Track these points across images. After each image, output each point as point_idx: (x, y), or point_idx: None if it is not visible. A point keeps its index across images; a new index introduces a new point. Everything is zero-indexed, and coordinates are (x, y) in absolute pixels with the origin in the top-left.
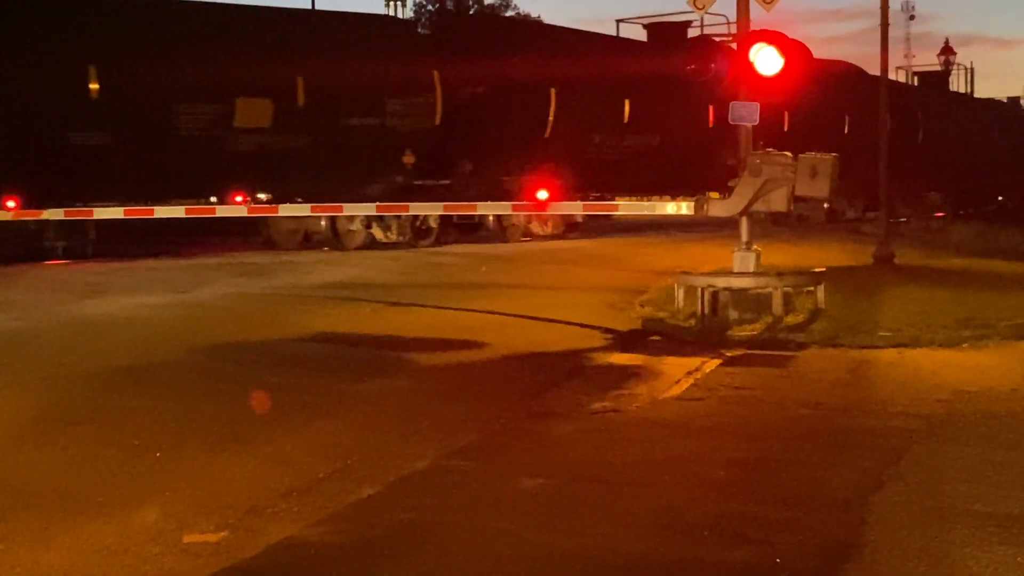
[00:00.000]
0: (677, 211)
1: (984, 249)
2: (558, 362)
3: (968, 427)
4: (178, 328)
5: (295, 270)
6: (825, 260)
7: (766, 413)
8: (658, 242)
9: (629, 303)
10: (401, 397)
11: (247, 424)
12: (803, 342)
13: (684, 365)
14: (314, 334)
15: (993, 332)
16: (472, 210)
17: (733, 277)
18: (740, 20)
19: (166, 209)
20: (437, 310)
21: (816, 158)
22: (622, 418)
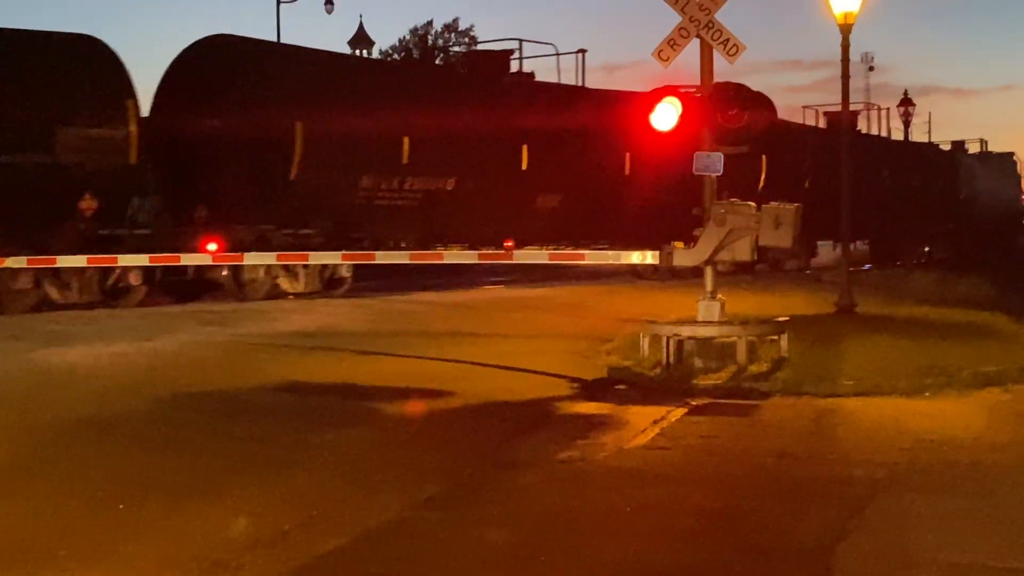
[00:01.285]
0: (642, 261)
1: (944, 297)
2: (525, 411)
3: (932, 476)
4: (141, 377)
5: (261, 318)
6: (788, 308)
7: (732, 463)
8: (621, 290)
9: (595, 351)
10: (367, 447)
11: (211, 475)
12: (767, 391)
13: (650, 414)
14: (279, 383)
15: (955, 380)
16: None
17: (698, 326)
18: (704, 71)
19: (131, 257)
20: (403, 358)
21: (779, 208)
22: (589, 467)
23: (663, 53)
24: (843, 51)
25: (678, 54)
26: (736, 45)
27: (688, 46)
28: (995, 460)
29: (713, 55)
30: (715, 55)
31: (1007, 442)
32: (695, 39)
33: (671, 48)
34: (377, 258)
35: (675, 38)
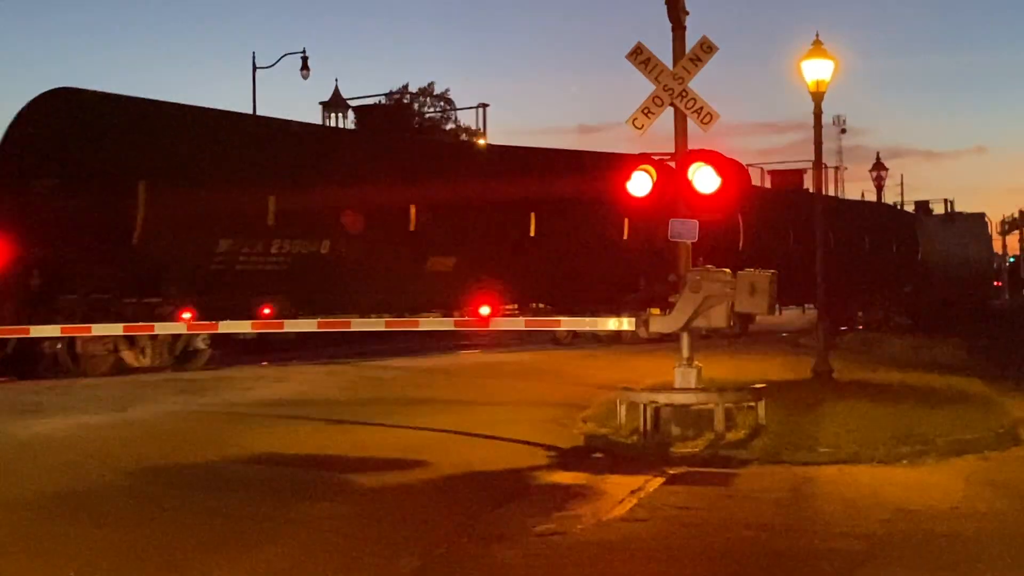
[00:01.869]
0: (619, 327)
1: (921, 362)
2: (501, 482)
3: (910, 548)
4: (114, 450)
5: (235, 386)
6: (765, 374)
7: (709, 535)
8: (598, 354)
9: (571, 418)
10: (341, 521)
11: (182, 552)
12: (745, 459)
13: (627, 484)
14: (252, 455)
15: (931, 448)
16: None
17: (675, 393)
18: (678, 139)
19: (104, 327)
20: (378, 428)
21: (754, 275)
22: (567, 541)
23: (637, 121)
24: (815, 118)
25: (652, 122)
26: (710, 114)
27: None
28: (973, 531)
29: (687, 123)
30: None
31: (984, 512)
32: (669, 107)
33: (645, 116)
34: (353, 325)
35: (649, 106)
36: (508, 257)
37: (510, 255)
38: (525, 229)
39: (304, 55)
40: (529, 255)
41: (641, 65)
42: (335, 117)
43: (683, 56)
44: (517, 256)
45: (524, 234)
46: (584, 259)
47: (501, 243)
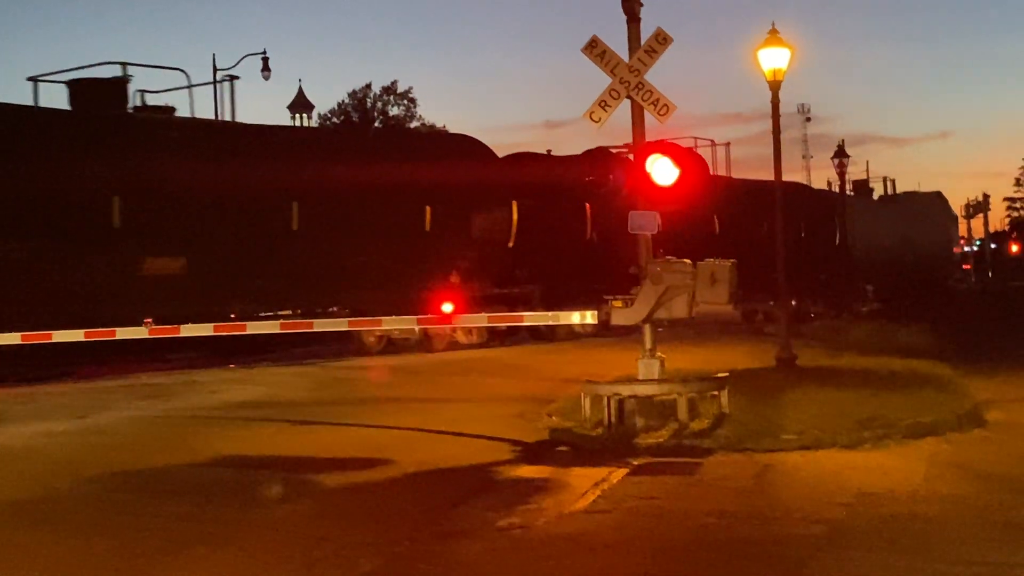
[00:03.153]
0: (582, 321)
1: (884, 347)
2: (465, 478)
3: (870, 531)
4: (76, 458)
5: (198, 390)
6: (729, 363)
7: (672, 525)
8: (566, 349)
9: (537, 413)
10: (304, 522)
11: (145, 558)
12: (709, 448)
13: (591, 476)
14: (216, 458)
15: (894, 431)
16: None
17: (638, 384)
18: (635, 131)
19: (65, 333)
20: (343, 427)
21: (715, 265)
22: (529, 534)
23: (594, 115)
24: (773, 107)
25: (610, 115)
26: (667, 105)
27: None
28: (933, 513)
29: (644, 115)
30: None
31: (945, 494)
32: (627, 100)
33: (602, 109)
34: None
35: (606, 100)
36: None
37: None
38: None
39: (265, 56)
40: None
41: (597, 58)
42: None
43: (638, 48)
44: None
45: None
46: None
47: (253, 241)
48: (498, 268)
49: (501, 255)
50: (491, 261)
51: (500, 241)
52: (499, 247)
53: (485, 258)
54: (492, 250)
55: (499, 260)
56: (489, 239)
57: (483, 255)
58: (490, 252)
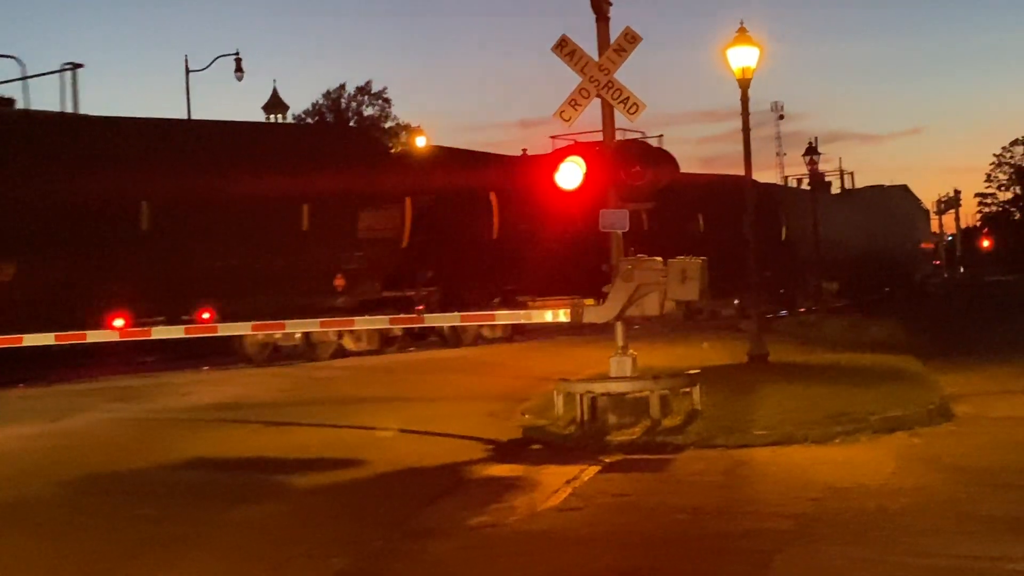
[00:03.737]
0: (555, 319)
1: (855, 342)
2: (437, 477)
3: (839, 525)
4: (47, 460)
5: (172, 392)
6: (702, 359)
7: (643, 520)
8: (542, 346)
9: (510, 411)
10: (276, 523)
11: (116, 560)
12: (681, 444)
13: (564, 474)
14: (188, 460)
15: (865, 426)
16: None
17: (611, 382)
18: (606, 129)
19: (36, 336)
20: (317, 428)
21: (685, 262)
22: (500, 532)
23: (565, 114)
24: (742, 104)
25: (580, 114)
26: (636, 104)
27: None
28: (902, 506)
29: (615, 113)
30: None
31: (913, 487)
32: (596, 99)
33: (572, 108)
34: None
35: (576, 98)
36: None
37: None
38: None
39: (238, 57)
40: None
41: (567, 57)
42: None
43: (608, 47)
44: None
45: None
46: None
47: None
48: (391, 269)
49: (393, 255)
50: (382, 262)
51: (392, 240)
52: (391, 247)
53: (375, 259)
54: (383, 250)
55: (391, 261)
56: (379, 239)
57: (373, 256)
58: (381, 252)
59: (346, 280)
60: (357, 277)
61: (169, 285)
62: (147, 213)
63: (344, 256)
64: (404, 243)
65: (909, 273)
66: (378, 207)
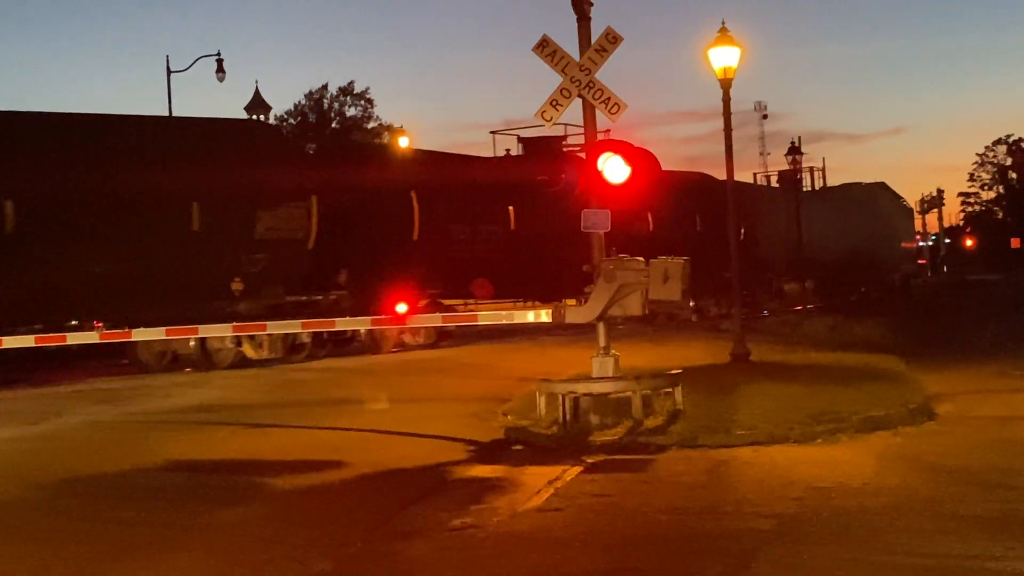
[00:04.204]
0: (537, 319)
1: (837, 342)
2: (419, 478)
3: (820, 525)
4: (26, 464)
5: (153, 394)
6: (685, 359)
7: (624, 521)
8: (523, 347)
9: (493, 412)
10: (255, 525)
11: (95, 564)
12: (663, 444)
13: (545, 474)
14: (168, 462)
15: (846, 425)
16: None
17: (592, 382)
18: (587, 129)
19: (15, 339)
20: (298, 429)
21: (667, 262)
22: (481, 534)
23: (546, 114)
24: (724, 105)
25: (561, 114)
26: (617, 104)
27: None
28: (882, 505)
29: (596, 113)
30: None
31: (894, 486)
32: (578, 99)
33: (553, 108)
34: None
35: (557, 99)
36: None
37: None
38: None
39: (219, 57)
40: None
41: (548, 57)
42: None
43: (589, 47)
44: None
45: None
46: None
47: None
48: (296, 272)
49: (299, 257)
50: (286, 264)
51: (297, 241)
52: (296, 248)
53: (279, 261)
54: (287, 252)
55: (297, 263)
56: (282, 239)
57: (276, 258)
58: (285, 254)
59: (245, 284)
60: (258, 280)
61: (41, 293)
62: (11, 214)
63: (242, 258)
64: (311, 244)
65: (887, 272)
66: (281, 205)
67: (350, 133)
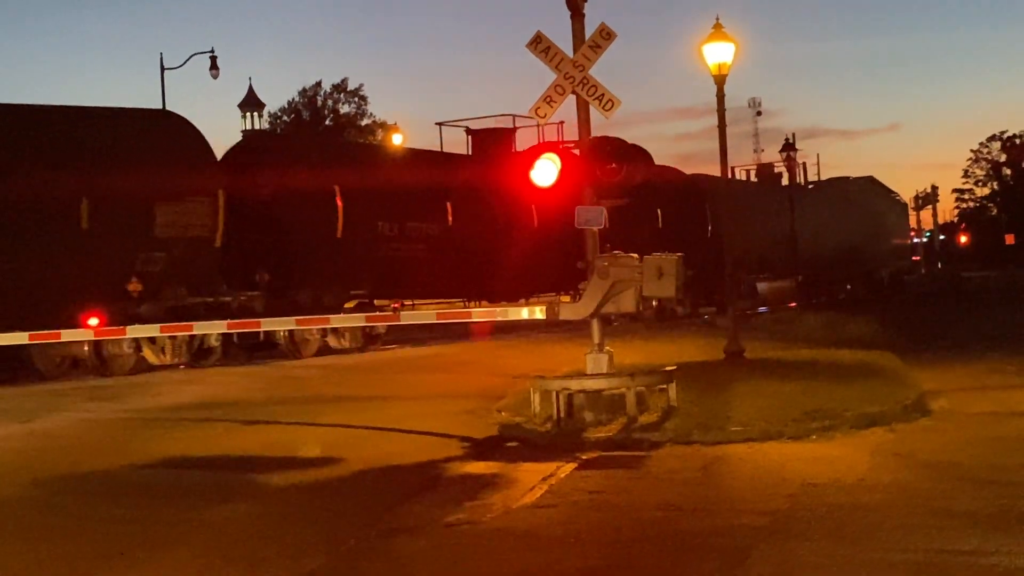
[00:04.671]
0: (531, 316)
1: (832, 339)
2: (413, 475)
3: (814, 521)
4: (19, 461)
5: (148, 391)
6: (679, 356)
7: (618, 518)
8: (516, 344)
9: (487, 409)
10: (250, 522)
11: (88, 562)
12: (657, 441)
13: (539, 471)
14: (163, 459)
15: (841, 422)
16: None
17: (587, 379)
18: (581, 126)
19: (9, 336)
20: (291, 426)
21: (662, 259)
22: (475, 530)
23: (540, 110)
24: (718, 101)
25: (555, 110)
26: (611, 100)
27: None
28: (877, 502)
29: (590, 110)
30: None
31: (888, 483)
32: (572, 95)
33: (547, 105)
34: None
35: (551, 95)
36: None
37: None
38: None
39: (213, 54)
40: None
41: (541, 54)
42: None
43: (583, 44)
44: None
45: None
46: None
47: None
48: (203, 272)
49: (206, 256)
50: (191, 264)
51: (202, 239)
52: (202, 246)
53: (182, 260)
54: (191, 250)
55: (203, 262)
56: (185, 237)
57: (179, 256)
58: (188, 253)
59: (144, 284)
60: (159, 280)
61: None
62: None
63: (140, 257)
64: (218, 242)
65: (874, 269)
66: (183, 201)
67: (344, 130)
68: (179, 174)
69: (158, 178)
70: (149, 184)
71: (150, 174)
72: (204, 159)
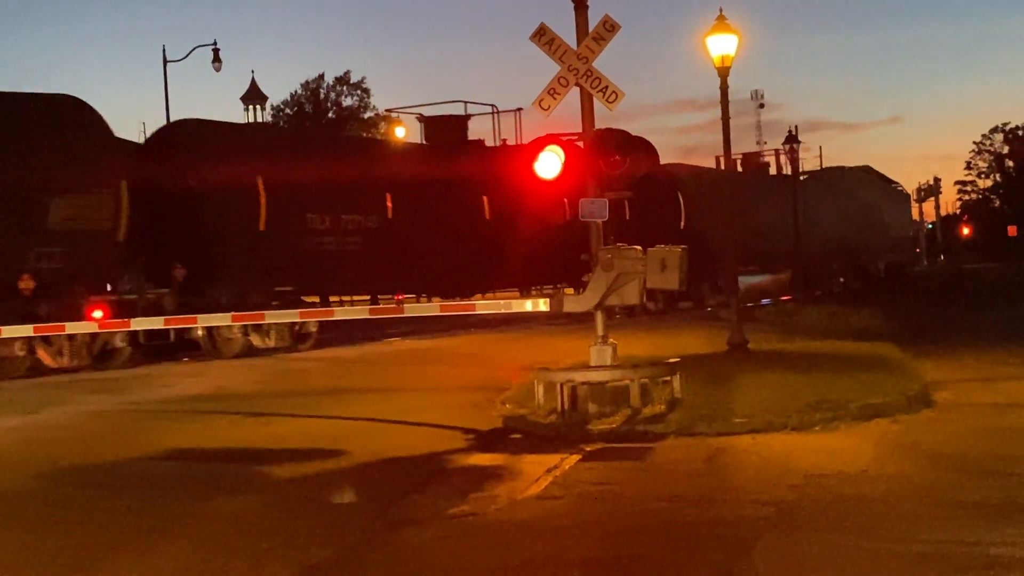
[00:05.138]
0: (535, 308)
1: (835, 331)
2: (418, 467)
3: (818, 512)
4: (24, 453)
5: (152, 383)
6: (682, 348)
7: (623, 509)
8: (520, 336)
9: (491, 401)
10: (255, 514)
11: (92, 552)
12: (661, 432)
13: (544, 463)
14: (168, 451)
15: (844, 413)
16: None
17: (591, 371)
18: (585, 118)
19: (12, 329)
20: (296, 419)
21: (665, 251)
22: (480, 522)
23: (544, 102)
24: (722, 93)
25: (559, 103)
26: (615, 92)
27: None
28: (880, 492)
29: (594, 102)
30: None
31: (892, 474)
32: (575, 87)
33: (551, 97)
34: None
35: (555, 87)
36: None
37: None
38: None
39: (215, 47)
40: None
41: (545, 46)
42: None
43: (587, 36)
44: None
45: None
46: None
47: None
48: (105, 268)
49: (107, 251)
50: (90, 259)
51: (103, 233)
52: (103, 241)
53: (81, 255)
54: (91, 245)
55: (104, 257)
56: (84, 231)
57: (77, 252)
58: (87, 247)
59: (39, 281)
60: (56, 277)
61: None
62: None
63: (32, 252)
64: (121, 236)
65: (869, 261)
66: (82, 193)
67: (346, 123)
68: (77, 163)
69: (52, 168)
70: (42, 174)
71: (43, 163)
72: (105, 148)
